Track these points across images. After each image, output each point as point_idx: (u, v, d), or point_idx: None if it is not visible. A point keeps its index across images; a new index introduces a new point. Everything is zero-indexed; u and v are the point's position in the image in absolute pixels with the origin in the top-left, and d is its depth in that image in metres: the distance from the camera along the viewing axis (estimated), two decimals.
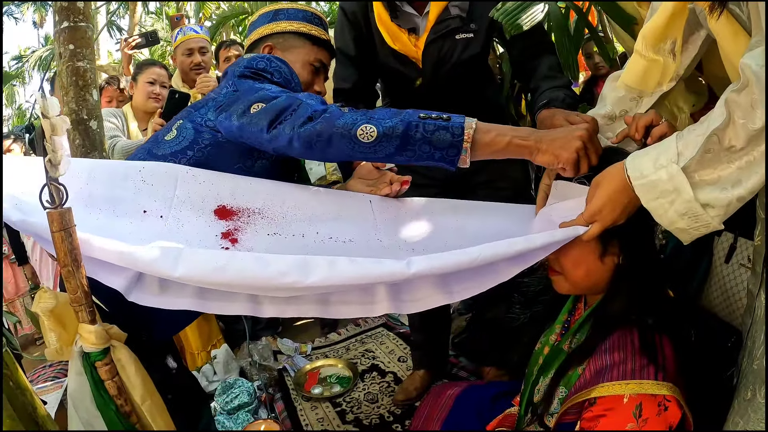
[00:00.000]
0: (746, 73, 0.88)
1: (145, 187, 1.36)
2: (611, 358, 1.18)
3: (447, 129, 1.24)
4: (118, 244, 1.05)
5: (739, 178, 0.95)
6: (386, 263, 1.11)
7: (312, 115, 1.31)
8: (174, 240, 1.25)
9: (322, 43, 1.83)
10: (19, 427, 0.97)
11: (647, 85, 1.33)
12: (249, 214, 1.39)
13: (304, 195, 1.49)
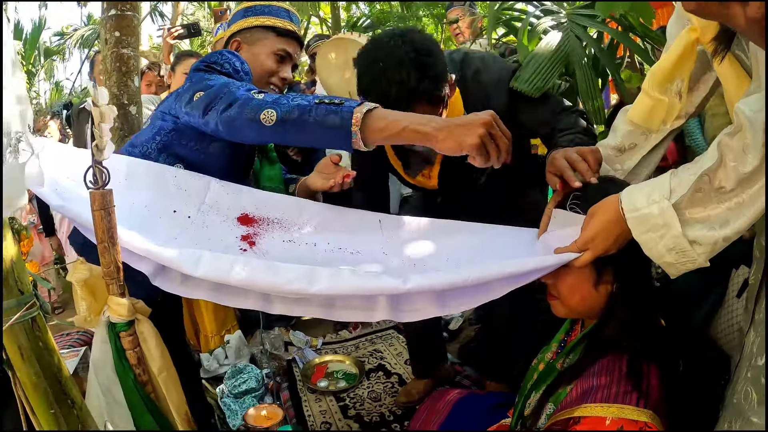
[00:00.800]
0: (740, 117, 0.93)
1: (179, 192, 1.52)
2: (598, 380, 1.24)
3: (337, 113, 1.31)
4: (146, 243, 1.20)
5: (728, 218, 1.01)
6: (384, 278, 1.22)
7: (232, 101, 1.44)
8: (197, 237, 1.40)
9: (286, 33, 1.96)
10: (43, 385, 1.06)
11: (652, 123, 1.38)
12: (268, 223, 1.53)
13: (321, 210, 1.61)
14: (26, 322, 1.03)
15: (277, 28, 1.96)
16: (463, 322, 3.70)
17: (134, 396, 1.17)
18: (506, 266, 1.23)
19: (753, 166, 0.92)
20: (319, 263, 1.41)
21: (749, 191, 0.96)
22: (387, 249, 1.50)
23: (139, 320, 1.16)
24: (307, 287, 1.19)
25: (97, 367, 1.19)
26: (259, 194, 1.64)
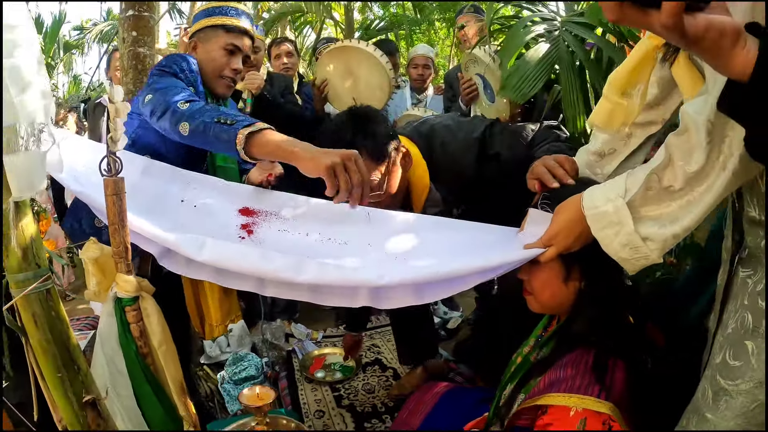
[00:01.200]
0: (685, 119, 1.02)
1: (187, 186, 1.69)
2: (564, 372, 1.33)
3: (227, 132, 1.54)
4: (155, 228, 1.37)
5: (677, 216, 1.09)
6: (364, 272, 1.39)
7: (165, 110, 1.72)
8: (200, 223, 1.56)
9: (234, 29, 2.21)
10: (52, 350, 1.17)
11: (612, 125, 1.45)
12: (267, 215, 1.67)
13: (314, 204, 1.74)
14: (41, 292, 1.14)
15: (226, 26, 2.21)
16: (461, 322, 3.79)
17: (135, 366, 1.28)
18: (476, 260, 1.36)
19: (699, 165, 1.01)
20: (310, 252, 1.53)
21: (698, 189, 1.04)
22: (373, 241, 1.61)
23: (144, 297, 1.28)
24: (295, 276, 1.36)
25: (103, 338, 1.31)
26: (260, 191, 1.78)
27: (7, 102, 1.07)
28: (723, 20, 0.72)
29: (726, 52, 0.73)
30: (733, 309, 1.14)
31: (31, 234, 1.14)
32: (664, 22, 0.70)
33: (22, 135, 1.10)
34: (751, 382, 1.03)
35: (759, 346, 1.03)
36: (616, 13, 0.74)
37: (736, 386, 1.06)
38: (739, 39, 0.73)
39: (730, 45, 0.73)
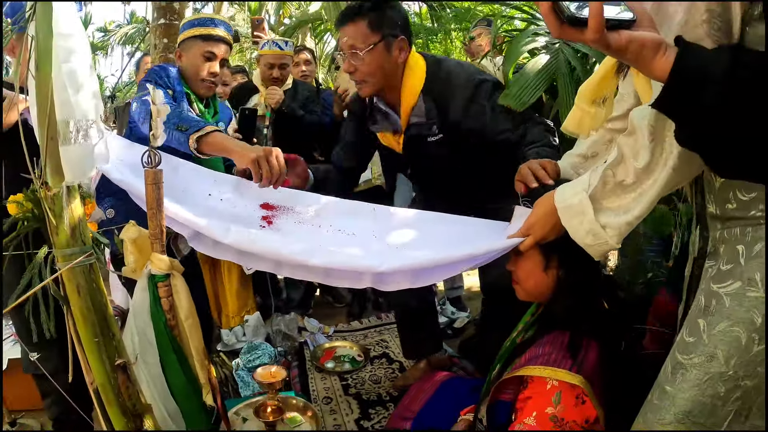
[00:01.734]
0: (633, 122, 1.19)
1: (216, 183, 1.90)
2: (543, 350, 1.51)
3: (183, 136, 1.90)
4: (188, 213, 1.59)
5: (630, 207, 1.26)
6: (367, 259, 1.61)
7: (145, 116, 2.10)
8: (226, 213, 1.77)
9: (209, 38, 2.49)
10: (92, 317, 1.33)
11: (582, 130, 1.63)
12: (284, 209, 1.87)
13: (327, 201, 1.95)
14: (85, 266, 1.31)
15: (203, 35, 2.49)
16: (468, 322, 3.94)
17: (163, 337, 1.46)
18: (465, 249, 1.57)
19: (645, 162, 1.17)
20: (322, 241, 1.73)
21: (647, 183, 1.21)
22: (377, 233, 1.81)
23: (174, 275, 1.45)
24: (308, 259, 1.57)
25: (136, 311, 1.48)
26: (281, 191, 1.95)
27: (65, 101, 1.25)
28: (644, 35, 0.91)
29: (648, 60, 0.93)
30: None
31: (79, 215, 1.31)
32: (591, 38, 0.89)
33: (71, 129, 1.28)
34: (703, 356, 1.16)
35: (710, 323, 1.16)
36: (558, 31, 0.94)
37: (690, 360, 1.19)
38: (659, 49, 0.91)
39: (651, 54, 0.92)
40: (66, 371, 1.58)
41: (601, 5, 0.87)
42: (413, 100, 2.25)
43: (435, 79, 2.24)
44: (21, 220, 1.38)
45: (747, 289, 1.12)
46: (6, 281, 2.06)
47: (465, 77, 2.25)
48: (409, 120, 2.28)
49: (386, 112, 2.33)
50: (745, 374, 1.12)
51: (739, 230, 1.16)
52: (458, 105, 2.20)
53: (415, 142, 2.32)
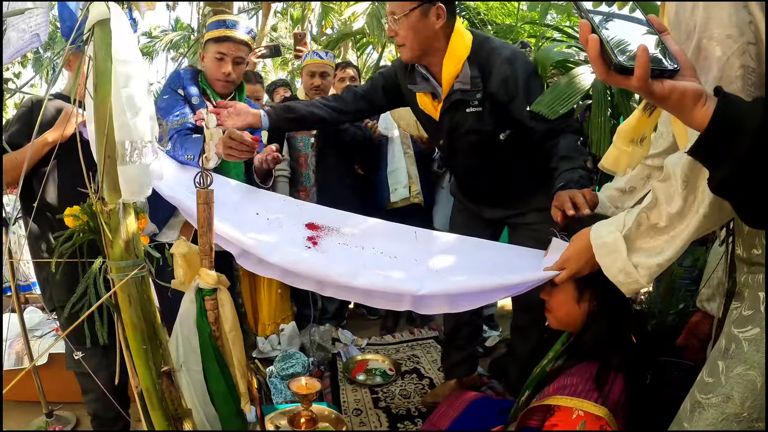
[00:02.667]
0: (668, 168, 1.23)
1: (263, 204, 1.99)
2: (571, 380, 1.54)
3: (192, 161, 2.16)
4: (237, 233, 1.68)
5: (662, 249, 1.29)
6: (407, 283, 1.65)
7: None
8: (273, 234, 1.84)
9: (219, 39, 2.67)
10: (141, 326, 1.41)
11: (619, 168, 1.67)
12: (329, 230, 1.94)
13: (370, 222, 2.03)
14: (137, 278, 1.39)
15: (215, 37, 2.68)
16: (499, 341, 3.96)
17: (207, 347, 1.53)
18: (502, 277, 1.63)
19: (678, 207, 1.21)
20: (365, 263, 1.78)
21: (679, 227, 1.24)
22: (418, 257, 1.86)
23: (221, 289, 1.53)
24: (351, 281, 1.63)
25: (183, 320, 1.57)
26: (324, 209, 2.07)
27: (123, 123, 1.33)
28: (686, 85, 0.95)
29: (688, 109, 0.96)
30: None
31: (133, 230, 1.40)
32: (636, 86, 0.94)
33: (128, 149, 1.36)
34: (720, 396, 1.21)
35: (728, 366, 1.20)
36: (604, 76, 0.99)
37: (708, 400, 1.23)
38: (699, 99, 0.95)
39: (691, 104, 0.95)
40: (106, 371, 1.68)
41: (647, 55, 0.91)
42: (457, 68, 2.30)
43: (480, 50, 2.31)
44: (77, 231, 1.47)
45: (765, 335, 1.16)
46: (58, 282, 2.19)
47: (510, 51, 2.31)
48: (452, 87, 2.32)
49: (426, 76, 2.40)
50: (758, 417, 1.17)
51: (761, 277, 1.19)
52: (499, 78, 2.26)
53: (454, 109, 2.37)
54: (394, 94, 2.60)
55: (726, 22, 1.05)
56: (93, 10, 1.30)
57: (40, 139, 2.20)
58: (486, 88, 2.28)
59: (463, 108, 2.34)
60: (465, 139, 2.42)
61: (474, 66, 2.29)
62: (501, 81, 2.25)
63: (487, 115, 2.32)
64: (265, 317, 3.92)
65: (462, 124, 2.38)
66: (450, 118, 2.40)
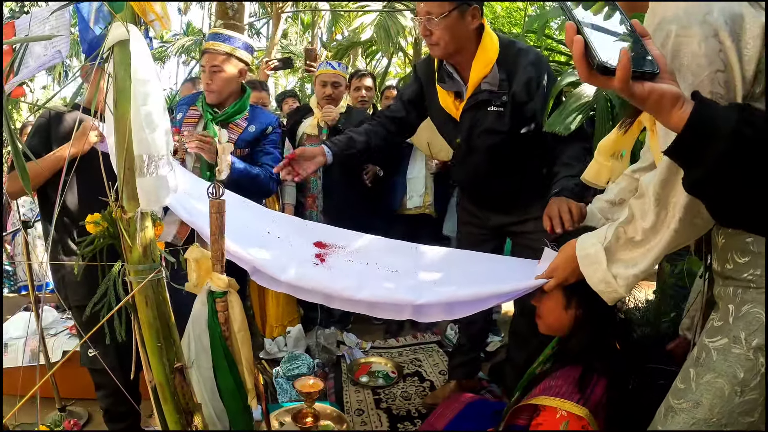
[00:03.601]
0: (642, 186, 1.33)
1: (273, 223, 2.09)
2: (556, 382, 1.65)
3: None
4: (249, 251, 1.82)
5: (638, 261, 1.39)
6: (407, 294, 1.78)
7: None
8: (283, 251, 1.96)
9: (202, 52, 2.88)
10: (156, 325, 1.52)
11: (600, 181, 1.79)
12: (335, 247, 2.06)
13: (373, 239, 2.16)
14: (153, 281, 1.51)
15: (202, 51, 2.90)
16: (501, 346, 4.05)
17: (217, 345, 1.64)
18: (494, 285, 1.76)
19: (651, 223, 1.31)
20: (369, 276, 1.90)
21: (653, 241, 1.34)
22: (418, 270, 1.97)
23: (231, 292, 1.64)
24: (355, 294, 1.77)
25: (195, 321, 1.68)
26: (331, 229, 2.19)
27: (142, 139, 1.44)
28: (664, 87, 1.01)
29: (666, 111, 1.02)
30: None
31: (150, 237, 1.51)
32: (617, 86, 1.00)
33: (145, 162, 1.47)
34: (690, 402, 1.30)
35: (698, 373, 1.30)
36: (587, 76, 1.04)
37: (679, 405, 1.33)
38: (677, 102, 1.01)
39: (669, 106, 1.01)
40: (119, 368, 1.80)
41: (628, 57, 0.97)
42: (486, 69, 2.40)
43: (508, 53, 2.42)
44: (98, 237, 1.58)
45: (732, 346, 1.25)
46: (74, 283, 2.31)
47: (534, 55, 2.44)
48: (479, 87, 2.43)
49: (452, 75, 2.50)
50: (727, 422, 1.25)
51: (732, 290, 1.29)
52: (523, 80, 2.38)
53: (476, 109, 2.47)
54: (420, 103, 2.72)
55: (696, 52, 1.12)
56: (113, 31, 1.41)
57: (60, 152, 2.33)
58: (510, 89, 2.40)
59: (485, 107, 2.45)
60: (482, 139, 2.52)
61: (502, 68, 2.40)
62: (525, 83, 2.37)
63: (507, 116, 2.43)
64: (273, 319, 4.04)
65: (482, 123, 2.49)
66: (471, 116, 2.50)
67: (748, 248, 1.25)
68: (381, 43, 6.75)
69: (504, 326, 4.28)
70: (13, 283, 6.31)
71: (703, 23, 1.12)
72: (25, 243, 3.21)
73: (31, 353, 3.31)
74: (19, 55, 2.26)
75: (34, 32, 2.30)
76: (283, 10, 7.76)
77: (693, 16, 1.13)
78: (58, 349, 3.29)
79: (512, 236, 2.81)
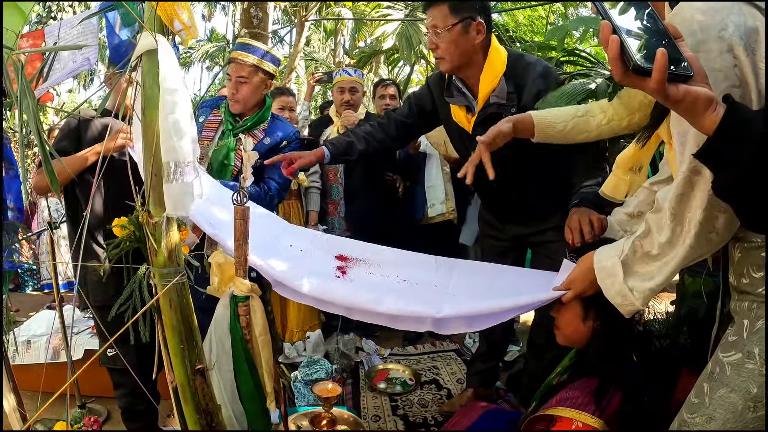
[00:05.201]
0: (659, 201, 1.33)
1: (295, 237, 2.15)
2: (572, 393, 1.66)
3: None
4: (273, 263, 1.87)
5: (654, 274, 1.39)
6: (427, 306, 1.80)
7: None
8: (304, 263, 2.00)
9: (229, 61, 2.92)
10: (179, 327, 1.56)
11: (618, 194, 1.79)
12: (356, 260, 2.09)
13: (393, 252, 2.19)
14: (178, 284, 1.55)
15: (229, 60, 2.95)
16: (519, 356, 4.04)
17: (238, 348, 1.68)
18: (513, 298, 1.76)
19: (667, 237, 1.31)
20: (389, 289, 1.93)
21: (670, 255, 1.34)
22: (438, 282, 2.00)
23: (253, 297, 1.68)
24: (375, 307, 1.80)
25: (217, 324, 1.72)
26: (351, 242, 2.24)
27: (169, 146, 1.48)
28: (698, 90, 1.00)
29: (699, 114, 1.01)
30: None
31: (175, 241, 1.55)
32: (653, 88, 0.99)
33: (171, 167, 1.51)
34: (704, 417, 1.31)
35: (712, 388, 1.30)
36: (621, 77, 1.03)
37: (693, 419, 1.33)
38: (710, 105, 1.00)
39: (702, 109, 1.00)
40: (138, 368, 1.83)
41: (665, 59, 0.96)
42: (494, 83, 2.42)
43: (516, 67, 2.44)
44: (124, 240, 1.63)
45: (746, 361, 1.25)
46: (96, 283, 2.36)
47: (543, 67, 2.45)
48: (488, 101, 2.44)
49: (462, 90, 2.53)
50: None
51: (747, 305, 1.30)
52: (532, 92, 2.39)
53: (487, 122, 2.43)
54: (429, 113, 2.74)
55: (712, 67, 1.12)
56: (142, 41, 1.45)
57: (85, 153, 2.39)
58: (519, 102, 2.41)
59: (496, 120, 2.42)
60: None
61: (510, 81, 2.42)
62: (534, 95, 2.38)
63: None
64: (293, 324, 4.08)
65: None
66: (483, 130, 2.48)
67: (763, 263, 1.25)
68: (403, 51, 6.78)
69: (522, 336, 4.26)
70: (37, 281, 6.46)
71: (718, 39, 1.12)
72: (50, 243, 3.29)
73: (53, 351, 3.39)
74: (49, 61, 2.33)
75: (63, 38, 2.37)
76: (307, 18, 7.81)
77: (709, 31, 1.14)
78: (79, 347, 3.37)
79: (532, 246, 2.82)
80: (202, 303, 1.82)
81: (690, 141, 1.18)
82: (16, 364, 3.12)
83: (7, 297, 2.11)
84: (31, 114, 1.38)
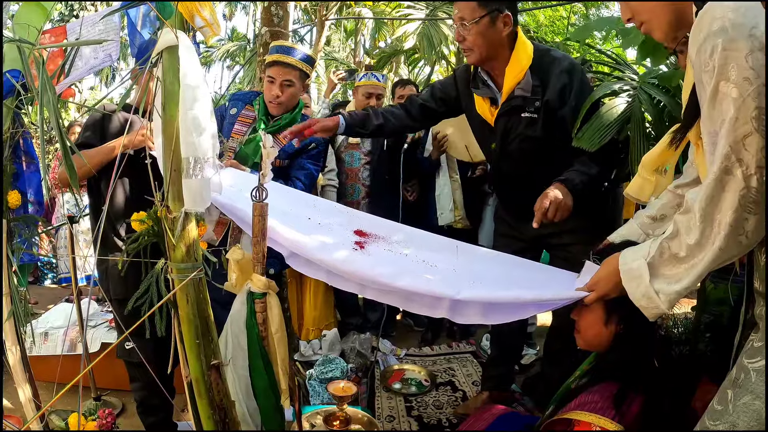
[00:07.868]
0: (688, 203, 1.30)
1: (315, 210, 2.12)
2: (592, 397, 1.63)
3: None
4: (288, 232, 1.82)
5: (681, 277, 1.35)
6: (446, 287, 1.76)
7: None
8: (323, 236, 1.97)
9: (271, 64, 2.93)
10: (195, 322, 1.56)
11: (643, 196, 1.76)
12: (375, 236, 2.06)
13: (413, 232, 2.15)
14: (195, 279, 1.55)
15: (267, 62, 2.97)
16: (535, 359, 4.02)
17: (254, 345, 1.68)
18: (534, 292, 1.73)
19: (696, 239, 1.28)
20: (406, 268, 1.89)
21: (698, 257, 1.30)
22: (458, 267, 1.97)
23: (270, 294, 1.68)
24: (393, 281, 1.76)
25: (233, 320, 1.72)
26: (372, 218, 2.22)
27: (189, 142, 1.48)
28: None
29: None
30: None
31: (193, 236, 1.55)
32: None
33: (191, 163, 1.52)
34: (727, 424, 1.27)
35: (736, 395, 1.27)
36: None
37: (715, 426, 1.30)
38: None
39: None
40: (154, 362, 1.84)
41: None
42: (519, 76, 2.43)
43: (542, 61, 2.45)
44: (143, 234, 1.63)
45: None
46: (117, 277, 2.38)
47: (569, 63, 2.46)
48: (512, 93, 2.46)
49: (487, 82, 2.55)
50: None
51: None
52: (557, 87, 2.41)
53: (510, 114, 2.51)
54: (452, 102, 2.76)
55: (743, 65, 1.10)
56: (163, 37, 1.45)
57: (106, 147, 2.40)
58: (543, 95, 2.42)
59: (519, 113, 2.48)
60: (516, 144, 2.55)
61: (535, 75, 2.43)
62: (559, 90, 2.40)
63: (540, 122, 2.46)
64: (309, 323, 4.09)
65: (515, 128, 2.52)
66: (505, 122, 2.53)
67: None
68: (424, 51, 6.77)
69: (539, 339, 4.23)
70: (56, 275, 6.56)
71: (750, 37, 1.10)
72: (70, 238, 3.33)
73: (69, 343, 3.42)
74: (71, 57, 2.35)
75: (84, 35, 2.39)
76: (327, 17, 7.82)
77: (739, 29, 1.11)
78: (96, 340, 3.41)
79: (549, 248, 2.80)
80: (222, 297, 1.83)
81: (721, 141, 1.16)
82: (33, 354, 3.15)
83: (26, 289, 2.13)
84: (52, 109, 1.39)
